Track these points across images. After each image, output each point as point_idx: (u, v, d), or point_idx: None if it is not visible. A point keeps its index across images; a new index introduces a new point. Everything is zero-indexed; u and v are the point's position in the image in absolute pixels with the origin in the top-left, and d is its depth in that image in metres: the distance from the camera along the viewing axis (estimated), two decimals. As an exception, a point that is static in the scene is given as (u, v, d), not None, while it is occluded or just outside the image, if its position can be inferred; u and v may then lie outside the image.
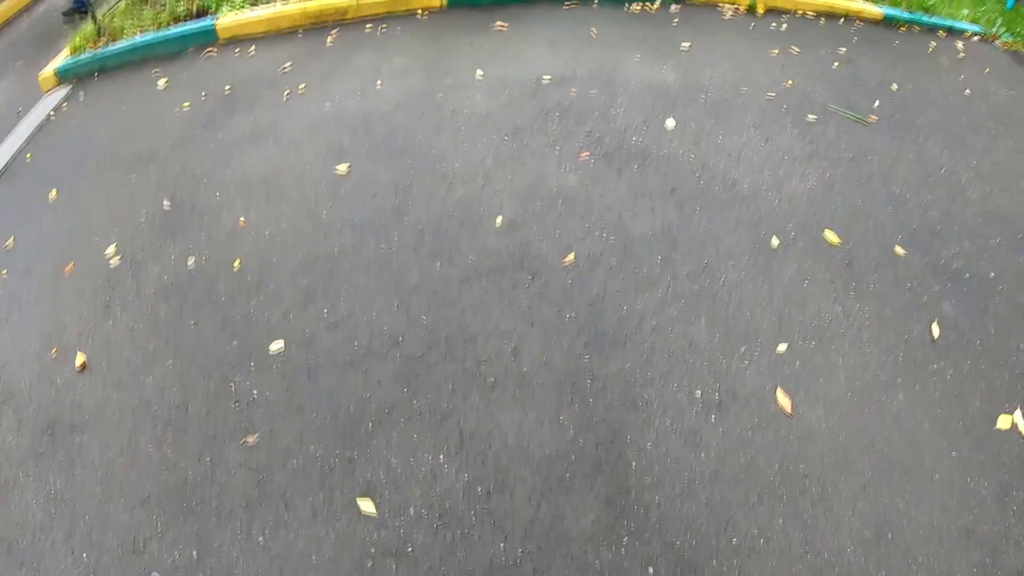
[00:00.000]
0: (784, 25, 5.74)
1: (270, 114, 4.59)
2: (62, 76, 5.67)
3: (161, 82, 5.22)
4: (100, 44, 5.78)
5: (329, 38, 5.46)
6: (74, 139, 4.79)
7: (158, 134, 4.59)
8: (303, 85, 4.84)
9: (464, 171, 3.90)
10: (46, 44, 6.69)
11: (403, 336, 3.03)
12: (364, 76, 4.87)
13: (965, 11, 6.64)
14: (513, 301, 3.16)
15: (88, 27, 5.91)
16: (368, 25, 5.60)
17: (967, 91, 5.08)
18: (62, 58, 5.81)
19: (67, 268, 3.63)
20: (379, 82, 4.76)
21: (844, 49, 5.45)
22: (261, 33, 5.69)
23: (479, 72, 4.80)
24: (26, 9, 8.05)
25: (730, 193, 3.77)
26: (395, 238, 3.51)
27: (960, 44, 5.97)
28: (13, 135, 5.04)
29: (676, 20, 5.65)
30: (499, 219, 3.56)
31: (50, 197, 4.22)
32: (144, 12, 6.06)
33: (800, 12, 6.03)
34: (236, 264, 3.46)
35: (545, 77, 4.73)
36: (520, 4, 5.82)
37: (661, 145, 4.09)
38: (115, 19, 6.03)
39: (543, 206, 3.64)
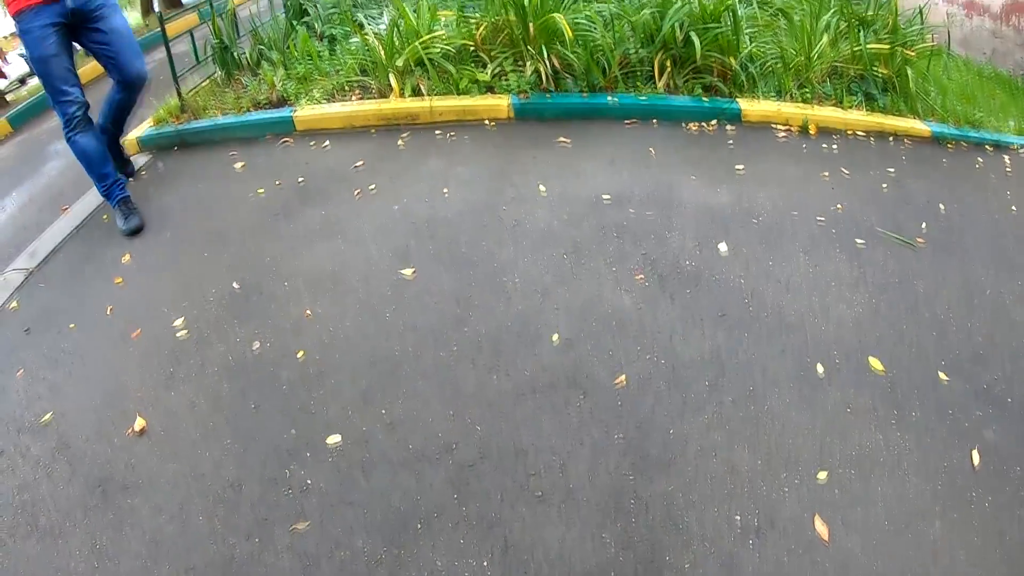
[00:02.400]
0: (835, 146, 5.90)
1: (341, 210, 4.79)
2: (144, 145, 6.01)
3: (238, 165, 5.51)
4: (183, 119, 6.14)
5: (400, 140, 5.74)
6: (151, 207, 5.03)
7: (232, 216, 4.82)
8: (373, 185, 5.07)
9: (524, 285, 4.03)
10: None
11: (456, 443, 3.12)
12: (432, 182, 5.08)
13: (1011, 123, 6.74)
14: (564, 418, 3.24)
15: (172, 101, 6.30)
16: (438, 131, 5.87)
17: (1014, 208, 5.14)
18: (145, 127, 6.16)
19: (134, 333, 3.79)
20: (446, 189, 4.96)
21: (893, 169, 5.55)
22: (336, 128, 6.00)
23: (542, 187, 4.99)
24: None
25: (778, 319, 3.84)
26: (454, 347, 3.62)
27: (1007, 158, 6.06)
28: (92, 193, 5.31)
29: (731, 141, 5.83)
30: (555, 336, 3.67)
31: (123, 260, 4.43)
32: (227, 94, 6.45)
33: (851, 132, 6.18)
34: (300, 354, 3.59)
35: (605, 196, 4.89)
36: (583, 119, 6.07)
37: (713, 269, 4.20)
38: (199, 97, 6.42)
39: (598, 326, 3.75)
